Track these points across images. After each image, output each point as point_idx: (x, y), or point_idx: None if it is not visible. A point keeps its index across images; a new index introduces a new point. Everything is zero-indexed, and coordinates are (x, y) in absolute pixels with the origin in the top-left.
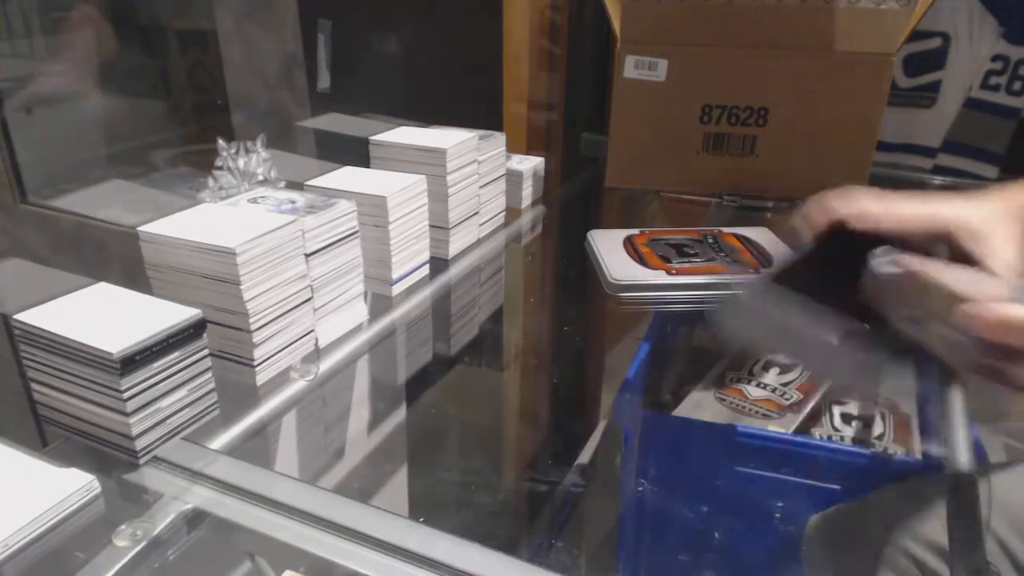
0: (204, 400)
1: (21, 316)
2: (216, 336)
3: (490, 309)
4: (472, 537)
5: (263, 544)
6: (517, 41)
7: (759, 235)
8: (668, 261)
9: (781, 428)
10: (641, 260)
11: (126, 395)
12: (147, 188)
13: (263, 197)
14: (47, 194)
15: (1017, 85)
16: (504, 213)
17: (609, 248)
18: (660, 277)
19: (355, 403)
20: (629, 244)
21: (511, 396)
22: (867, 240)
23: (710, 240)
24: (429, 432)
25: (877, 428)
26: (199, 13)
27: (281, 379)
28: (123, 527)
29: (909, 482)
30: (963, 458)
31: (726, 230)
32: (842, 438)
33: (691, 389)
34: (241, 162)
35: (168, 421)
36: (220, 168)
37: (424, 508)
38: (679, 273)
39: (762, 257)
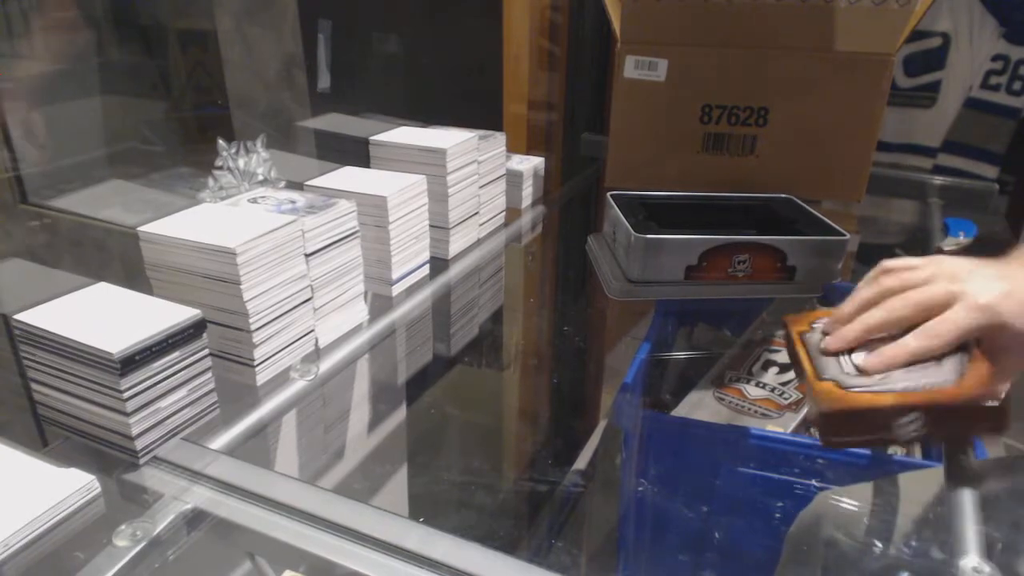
0: (204, 400)
1: (21, 316)
2: (216, 336)
3: (490, 309)
4: (472, 537)
5: (263, 544)
6: (517, 41)
7: None
8: None
9: (780, 428)
10: None
11: (126, 395)
12: (147, 188)
13: (263, 197)
14: (47, 194)
15: (1017, 85)
16: (504, 213)
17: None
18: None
19: (355, 403)
20: None
21: (511, 396)
22: None
23: None
24: (429, 432)
25: None
26: (199, 13)
27: (281, 379)
28: (123, 527)
29: (897, 477)
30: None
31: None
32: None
33: (691, 389)
34: (241, 162)
35: (168, 421)
36: (220, 168)
37: (424, 508)
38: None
39: None
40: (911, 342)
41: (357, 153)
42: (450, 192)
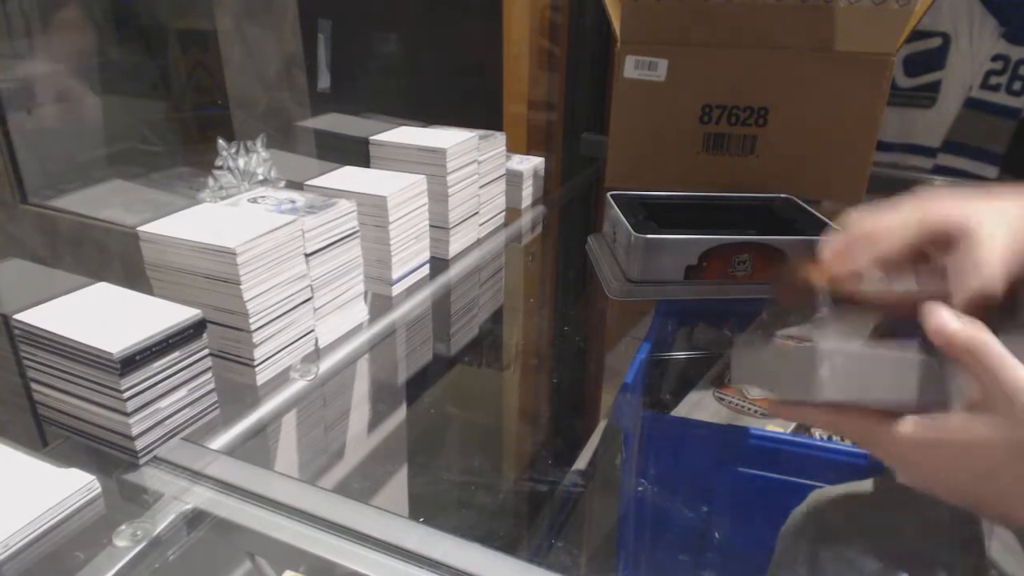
0: (204, 400)
1: (21, 316)
2: (216, 336)
3: (490, 309)
4: (472, 537)
5: (263, 544)
6: (517, 41)
7: None
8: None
9: (780, 428)
10: None
11: (126, 395)
12: (147, 188)
13: (263, 197)
14: (47, 194)
15: (1017, 85)
16: (504, 213)
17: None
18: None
19: (355, 403)
20: None
21: (511, 396)
22: None
23: None
24: (429, 432)
25: None
26: (199, 13)
27: (281, 379)
28: (123, 527)
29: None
30: None
31: None
32: (842, 438)
33: (691, 389)
34: (241, 162)
35: (168, 421)
36: (220, 168)
37: (424, 508)
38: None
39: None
40: None
41: (357, 153)
42: (450, 192)
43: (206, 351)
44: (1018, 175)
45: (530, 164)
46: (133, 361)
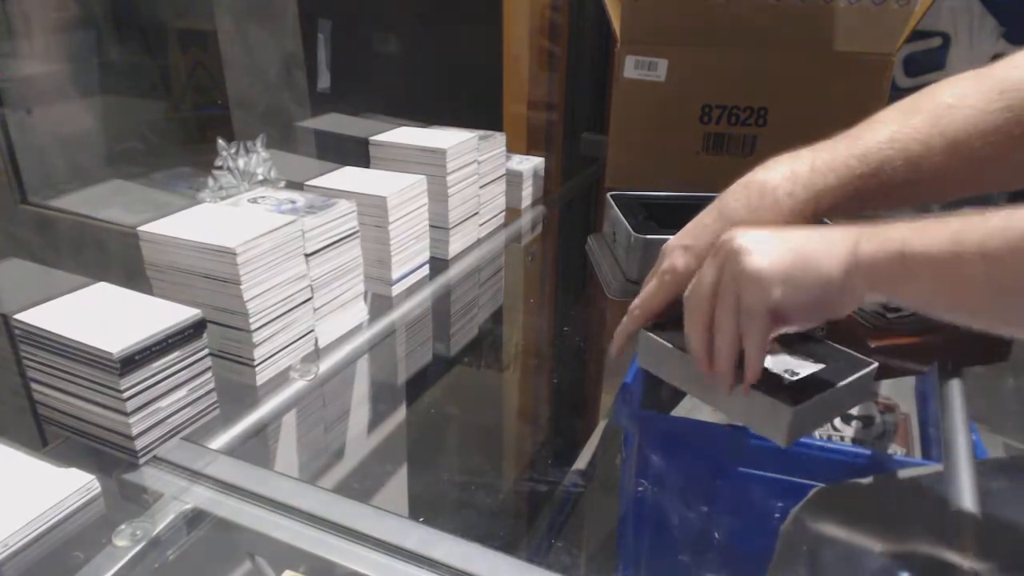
0: (204, 400)
1: (21, 316)
2: (216, 336)
3: (490, 309)
4: (472, 537)
5: (263, 544)
6: (517, 41)
7: None
8: None
9: None
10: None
11: (126, 395)
12: (147, 188)
13: (263, 197)
14: (47, 194)
15: None
16: (504, 213)
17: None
18: None
19: (355, 403)
20: None
21: (511, 396)
22: None
23: None
24: (429, 432)
25: (877, 428)
26: (199, 13)
27: (281, 379)
28: (123, 527)
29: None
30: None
31: None
32: (842, 438)
33: None
34: (241, 162)
35: (168, 421)
36: (220, 168)
37: (424, 508)
38: None
39: None
40: None
41: (357, 153)
42: (450, 192)
43: (206, 351)
44: None
45: (530, 164)
46: (133, 361)
